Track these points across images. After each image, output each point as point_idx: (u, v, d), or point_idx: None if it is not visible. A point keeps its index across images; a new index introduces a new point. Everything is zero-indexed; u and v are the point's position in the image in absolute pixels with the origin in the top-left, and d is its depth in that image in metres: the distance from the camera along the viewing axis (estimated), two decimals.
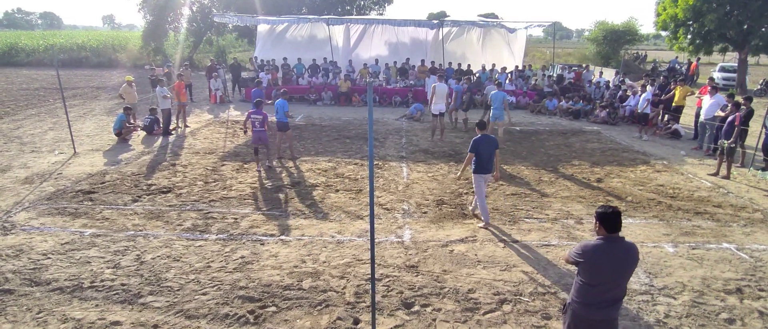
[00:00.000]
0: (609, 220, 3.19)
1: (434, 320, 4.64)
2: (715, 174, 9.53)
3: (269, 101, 14.93)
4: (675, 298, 5.07)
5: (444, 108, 11.93)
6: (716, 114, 10.84)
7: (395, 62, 19.64)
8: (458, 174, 7.40)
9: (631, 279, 5.33)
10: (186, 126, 13.37)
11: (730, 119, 9.53)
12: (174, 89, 13.27)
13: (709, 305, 4.96)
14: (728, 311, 4.86)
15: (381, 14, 36.33)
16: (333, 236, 6.45)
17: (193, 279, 5.28)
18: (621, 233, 3.24)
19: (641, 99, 12.91)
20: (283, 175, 9.15)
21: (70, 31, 72.96)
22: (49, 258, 5.69)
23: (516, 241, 6.38)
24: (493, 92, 11.56)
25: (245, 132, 10.67)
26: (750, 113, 10.27)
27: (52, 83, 21.84)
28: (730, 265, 5.81)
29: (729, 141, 9.26)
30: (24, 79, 24.02)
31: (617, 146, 12.03)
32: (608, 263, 3.19)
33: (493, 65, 19.29)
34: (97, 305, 4.78)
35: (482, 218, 6.84)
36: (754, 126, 10.73)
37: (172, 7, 31.08)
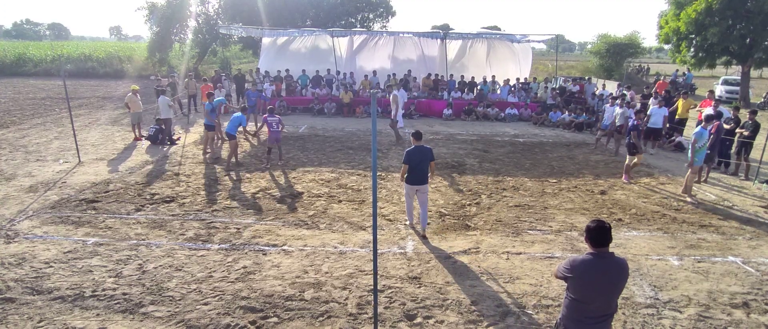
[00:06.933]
0: (596, 234, 3.15)
1: None
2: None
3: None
4: (681, 312, 5.01)
5: None
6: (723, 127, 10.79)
7: (394, 74, 19.70)
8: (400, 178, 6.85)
9: (635, 292, 5.33)
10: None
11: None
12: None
13: (716, 319, 4.90)
14: (735, 325, 4.80)
15: (384, 27, 36.66)
16: (335, 247, 6.43)
17: (195, 289, 5.26)
18: (626, 246, 3.21)
19: (657, 115, 12.58)
20: (286, 185, 9.16)
21: (77, 41, 73.80)
22: (52, 266, 5.69)
23: (519, 253, 6.35)
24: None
25: (255, 135, 12.79)
26: (756, 127, 10.25)
27: (59, 93, 22.05)
28: (736, 279, 5.75)
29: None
30: (31, 89, 24.25)
31: (621, 158, 11.98)
32: (598, 278, 3.14)
33: (493, 77, 19.38)
34: (98, 314, 4.77)
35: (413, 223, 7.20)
36: (760, 139, 10.70)
37: (178, 18, 31.46)
